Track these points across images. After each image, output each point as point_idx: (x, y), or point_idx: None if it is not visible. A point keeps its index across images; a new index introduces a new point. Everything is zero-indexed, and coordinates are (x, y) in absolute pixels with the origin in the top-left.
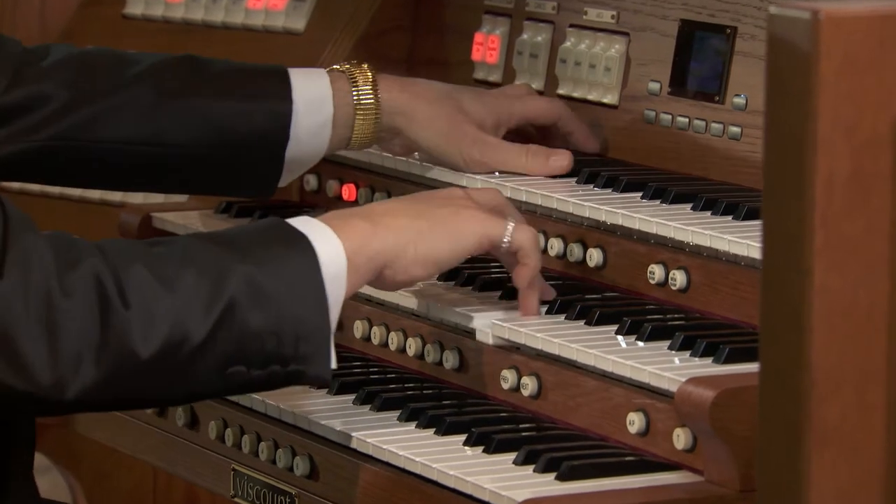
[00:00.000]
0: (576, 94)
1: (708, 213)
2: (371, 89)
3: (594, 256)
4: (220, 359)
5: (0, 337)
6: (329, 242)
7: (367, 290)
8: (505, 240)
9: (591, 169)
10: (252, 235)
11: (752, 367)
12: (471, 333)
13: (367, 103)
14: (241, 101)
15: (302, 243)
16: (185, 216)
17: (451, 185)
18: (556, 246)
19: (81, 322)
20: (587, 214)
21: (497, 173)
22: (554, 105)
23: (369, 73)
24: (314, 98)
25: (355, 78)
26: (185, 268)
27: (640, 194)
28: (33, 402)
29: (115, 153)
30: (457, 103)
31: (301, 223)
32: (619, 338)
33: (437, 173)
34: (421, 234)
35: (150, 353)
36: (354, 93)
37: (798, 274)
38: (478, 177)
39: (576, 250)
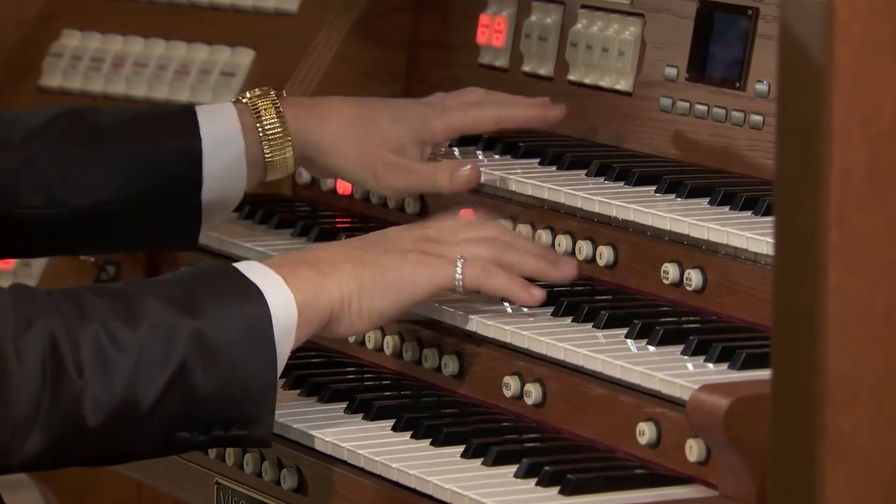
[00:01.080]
0: (587, 80)
1: (726, 209)
2: (276, 119)
3: (604, 254)
4: (165, 425)
5: None
6: (280, 294)
7: None
8: (457, 285)
9: (603, 161)
10: (201, 283)
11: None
12: (471, 337)
13: (275, 135)
14: (145, 145)
15: (253, 294)
16: None
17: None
18: (563, 243)
19: (32, 389)
20: (597, 209)
21: (502, 165)
22: (487, 113)
23: (272, 102)
24: (222, 134)
25: (258, 109)
26: (136, 327)
27: (653, 188)
28: None
29: (17, 221)
30: (371, 125)
31: (251, 270)
32: (629, 342)
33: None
34: (363, 287)
35: (98, 421)
36: (258, 126)
37: (811, 274)
38: (483, 169)
39: (585, 248)
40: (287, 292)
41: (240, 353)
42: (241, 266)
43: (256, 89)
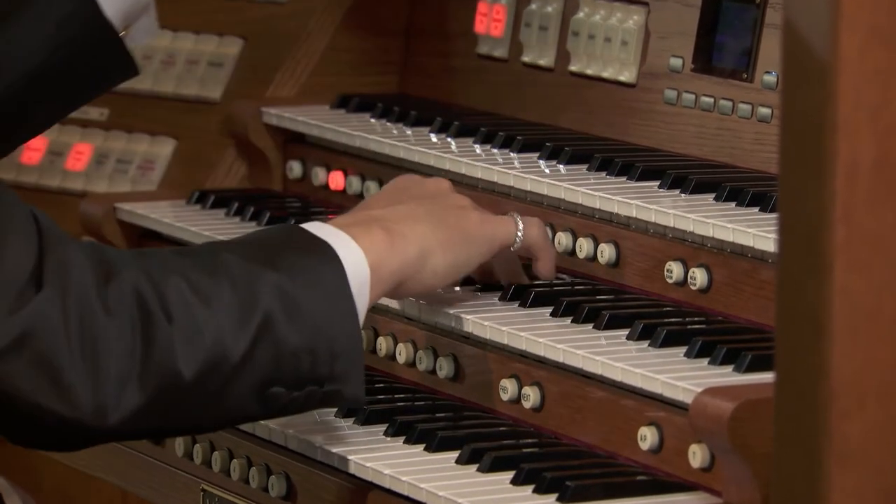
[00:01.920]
0: (589, 71)
1: (732, 205)
2: None
3: (606, 252)
4: (258, 379)
5: (40, 358)
6: (353, 253)
7: None
8: (518, 239)
9: (604, 155)
10: (274, 242)
11: None
12: (467, 338)
13: None
14: None
15: (327, 252)
16: (154, 207)
17: (448, 171)
18: (563, 241)
19: (124, 342)
20: (598, 206)
21: (500, 160)
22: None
23: None
24: None
25: None
26: (218, 279)
27: (657, 183)
28: (74, 428)
29: None
30: None
31: (319, 230)
32: (631, 343)
33: (434, 160)
34: (440, 245)
35: (192, 373)
36: None
37: (816, 274)
38: (477, 164)
39: (585, 246)
40: (359, 252)
41: (322, 308)
42: (309, 227)
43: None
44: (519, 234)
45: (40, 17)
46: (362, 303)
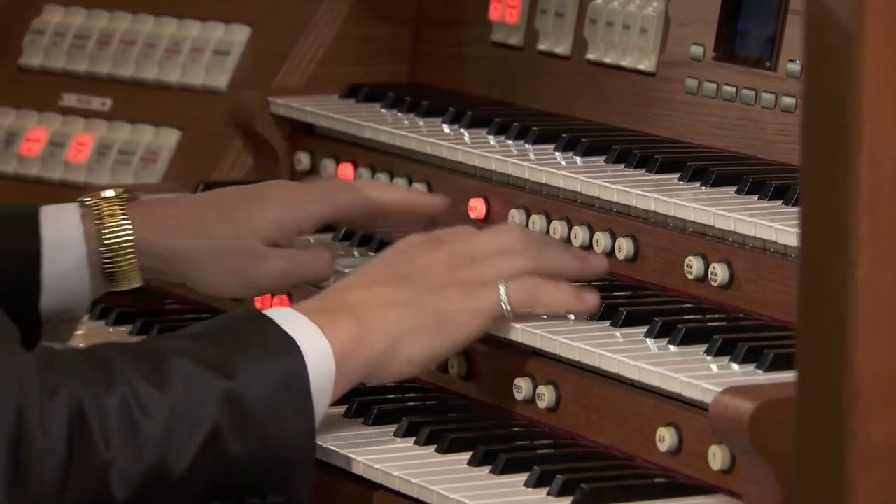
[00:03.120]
0: (607, 60)
1: (755, 198)
2: (117, 228)
3: (623, 247)
4: (196, 495)
5: None
6: (318, 346)
7: None
8: (505, 311)
9: (623, 146)
10: (234, 336)
11: None
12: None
13: (116, 244)
14: None
15: (290, 352)
16: None
17: (460, 163)
18: (580, 235)
19: (58, 462)
20: (616, 199)
21: (515, 151)
22: (359, 200)
23: (117, 207)
24: (63, 238)
25: (101, 213)
26: (165, 389)
27: (677, 175)
28: None
29: None
30: (230, 227)
31: (284, 319)
32: (649, 341)
33: (446, 152)
34: (414, 333)
35: (125, 495)
36: (101, 232)
37: (840, 268)
38: (491, 155)
39: (602, 240)
40: (324, 343)
41: (276, 414)
42: (273, 314)
43: (105, 191)
44: (505, 306)
45: None
46: (323, 401)
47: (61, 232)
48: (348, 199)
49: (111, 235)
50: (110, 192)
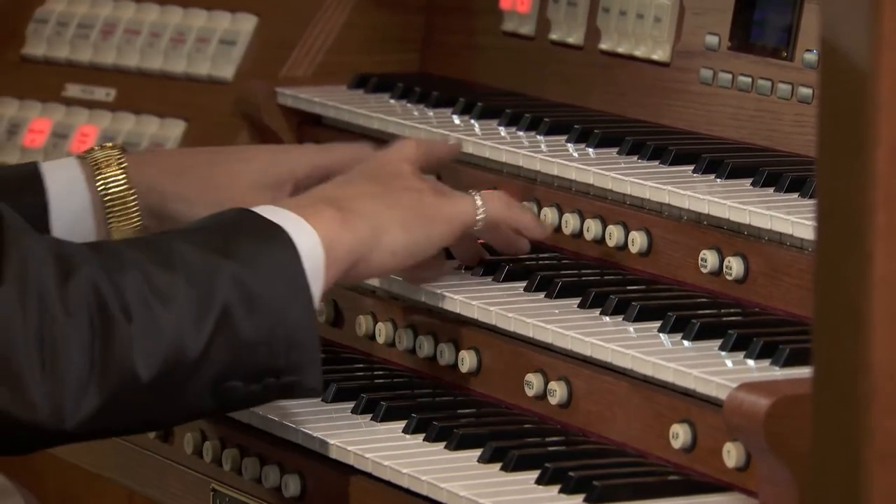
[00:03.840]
0: (620, 49)
1: (771, 190)
2: (118, 170)
3: (637, 240)
4: (215, 374)
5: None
6: (306, 234)
7: (373, 281)
8: (479, 218)
9: (636, 138)
10: (227, 227)
11: None
12: (490, 331)
13: (113, 188)
14: None
15: (281, 237)
16: None
17: (471, 155)
18: (592, 228)
19: (83, 344)
20: (628, 191)
21: (526, 143)
22: (353, 150)
23: (115, 157)
24: (66, 186)
25: (98, 163)
26: (174, 273)
27: (691, 167)
28: (29, 430)
29: None
30: (220, 167)
31: (270, 212)
32: (663, 336)
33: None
34: (396, 223)
35: (151, 373)
36: (100, 179)
37: (856, 262)
38: (502, 147)
39: (615, 233)
40: (312, 232)
41: (279, 297)
42: (260, 210)
43: (99, 145)
44: (479, 212)
45: None
46: (317, 286)
47: (64, 183)
48: (343, 152)
49: (109, 181)
50: (99, 147)
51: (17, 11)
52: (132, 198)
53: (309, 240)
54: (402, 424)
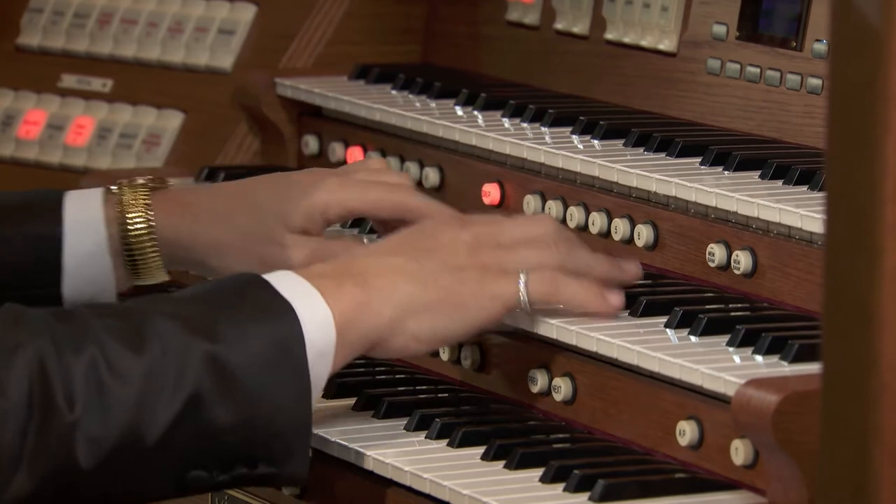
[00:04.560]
0: (626, 40)
1: (779, 183)
2: (138, 215)
3: (643, 234)
4: (175, 463)
5: None
6: (317, 312)
7: None
8: (523, 303)
9: (642, 130)
10: (224, 299)
11: None
12: None
13: (137, 231)
14: (6, 228)
15: (286, 314)
16: None
17: (474, 147)
18: (598, 222)
19: (17, 425)
20: (635, 184)
21: (530, 135)
22: (391, 201)
23: (141, 195)
24: (84, 220)
25: (125, 202)
26: (142, 352)
27: (698, 160)
28: None
29: None
30: (252, 215)
31: (283, 282)
32: (669, 332)
33: (459, 135)
34: (424, 309)
35: (92, 461)
36: (122, 219)
37: (866, 255)
38: (506, 139)
39: (621, 227)
40: (325, 309)
41: (264, 380)
42: (272, 277)
43: (135, 179)
44: (522, 294)
45: None
46: (322, 370)
47: (82, 215)
48: (379, 198)
49: (133, 222)
50: (140, 180)
51: (12, 1)
52: (151, 246)
53: (321, 319)
54: (403, 421)
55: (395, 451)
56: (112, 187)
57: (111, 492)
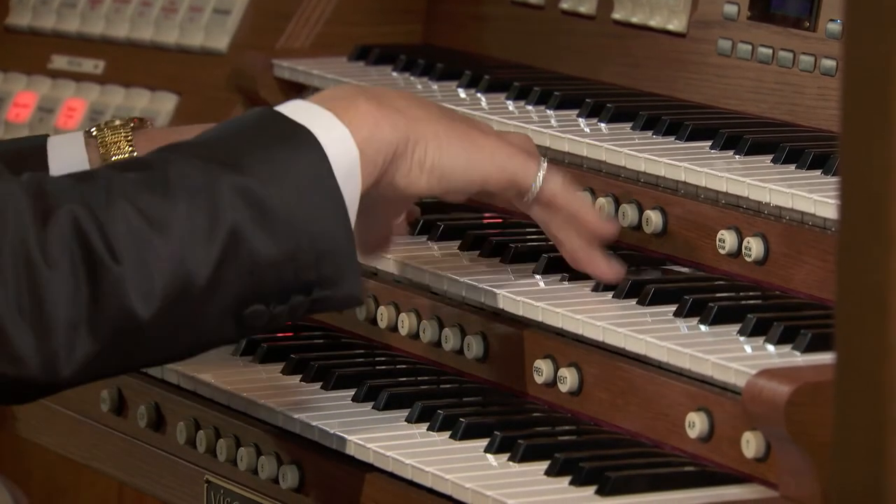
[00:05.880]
0: (634, 20)
1: (792, 167)
2: (121, 153)
3: (651, 220)
4: (232, 301)
5: None
6: (336, 133)
7: (375, 263)
8: (534, 184)
9: (651, 112)
10: (242, 136)
11: None
12: (497, 315)
13: None
14: None
15: (306, 139)
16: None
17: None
18: (605, 207)
19: (68, 289)
20: (643, 168)
21: (535, 118)
22: None
23: (123, 136)
24: (68, 166)
25: (106, 143)
26: (171, 196)
27: (709, 143)
28: (24, 385)
29: None
30: None
31: (297, 111)
32: (679, 321)
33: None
34: (437, 136)
35: (151, 310)
36: (106, 159)
37: (881, 242)
38: (510, 122)
39: (629, 212)
40: (343, 129)
41: (300, 207)
42: (284, 108)
43: (113, 120)
44: (538, 178)
45: None
46: (353, 188)
47: (67, 159)
48: None
49: (117, 160)
50: (118, 121)
51: None
52: None
53: (341, 139)
54: (405, 413)
55: (396, 444)
56: (91, 130)
57: (175, 338)
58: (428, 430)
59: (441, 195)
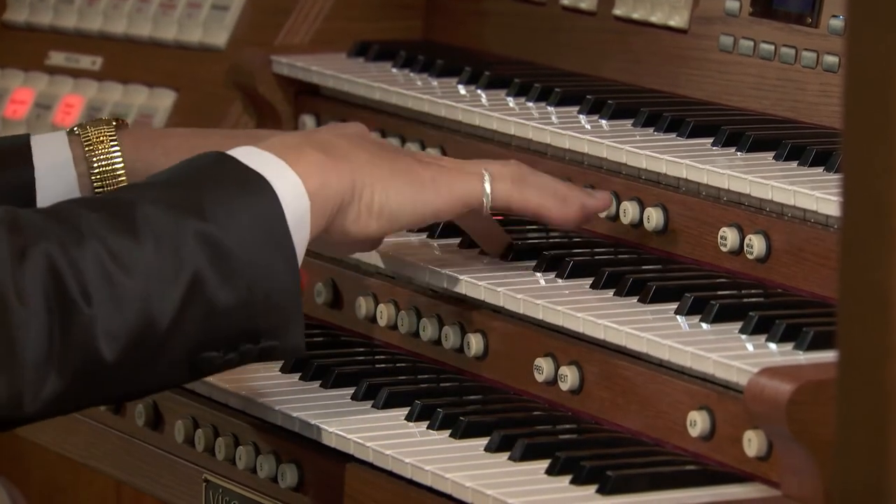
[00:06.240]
0: (635, 15)
1: (794, 164)
2: (108, 151)
3: (652, 217)
4: (188, 345)
5: None
6: (289, 181)
7: (374, 260)
8: (485, 199)
9: (652, 109)
10: (200, 178)
11: None
12: (498, 313)
13: (105, 168)
14: None
15: (262, 186)
16: None
17: (477, 127)
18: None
19: (40, 328)
20: (644, 165)
21: (536, 114)
22: None
23: (107, 135)
24: (54, 164)
25: (90, 140)
26: (139, 239)
27: (710, 140)
28: None
29: None
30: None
31: (250, 157)
32: (680, 318)
33: (462, 115)
34: (381, 178)
35: (115, 353)
36: (88, 158)
37: (884, 240)
38: (510, 119)
39: (630, 210)
40: (295, 178)
41: (257, 254)
42: (238, 153)
43: (97, 119)
44: (486, 189)
45: None
46: (302, 238)
47: (51, 158)
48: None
49: (101, 160)
50: (94, 121)
51: None
52: (122, 181)
53: (292, 187)
54: (404, 411)
55: (396, 443)
56: (74, 128)
57: (134, 381)
58: (428, 428)
59: (396, 231)
